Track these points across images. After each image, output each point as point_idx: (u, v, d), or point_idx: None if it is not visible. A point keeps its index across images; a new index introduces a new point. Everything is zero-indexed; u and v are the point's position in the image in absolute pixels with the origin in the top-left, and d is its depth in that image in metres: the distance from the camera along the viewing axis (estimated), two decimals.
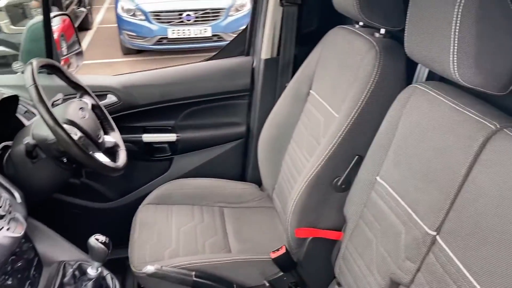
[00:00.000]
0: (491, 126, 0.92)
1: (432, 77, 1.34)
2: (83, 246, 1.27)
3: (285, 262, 1.49)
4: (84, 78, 1.70)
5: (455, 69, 0.94)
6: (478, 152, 0.92)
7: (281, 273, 1.51)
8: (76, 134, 1.36)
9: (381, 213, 1.18)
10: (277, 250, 1.49)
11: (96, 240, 1.19)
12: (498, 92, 0.94)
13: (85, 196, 1.99)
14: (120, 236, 1.80)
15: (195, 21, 6.00)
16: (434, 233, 0.99)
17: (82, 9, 7.40)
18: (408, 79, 1.36)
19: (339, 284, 1.40)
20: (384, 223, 1.16)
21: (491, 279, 0.82)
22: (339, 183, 1.40)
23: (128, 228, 1.72)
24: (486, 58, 0.91)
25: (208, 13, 6.00)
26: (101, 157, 1.41)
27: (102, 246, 1.19)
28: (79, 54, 2.08)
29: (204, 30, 6.03)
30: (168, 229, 1.66)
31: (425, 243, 1.00)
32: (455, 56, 0.93)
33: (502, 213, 0.83)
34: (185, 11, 5.94)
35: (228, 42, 2.22)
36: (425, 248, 1.00)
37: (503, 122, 0.92)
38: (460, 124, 0.99)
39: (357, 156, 1.38)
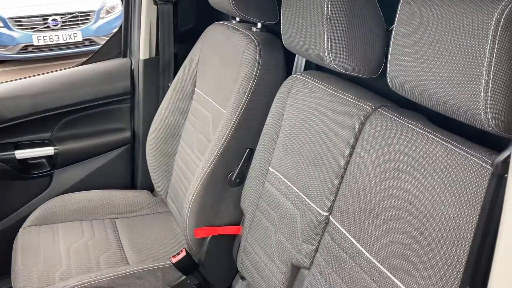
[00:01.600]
0: (366, 107, 0.99)
1: (309, 66, 1.41)
2: None
3: (186, 265, 1.45)
4: None
5: (330, 57, 0.99)
6: (358, 133, 0.99)
7: (184, 277, 1.47)
8: None
9: (276, 201, 1.21)
10: (177, 254, 1.45)
11: None
12: (370, 75, 1.02)
13: None
14: None
15: (63, 25, 5.60)
16: (327, 214, 1.04)
17: None
18: (288, 70, 1.41)
19: (242, 277, 1.41)
20: (280, 210, 1.19)
21: (382, 249, 0.88)
22: (233, 178, 1.41)
23: (8, 256, 1.55)
24: (356, 44, 0.98)
25: (76, 16, 5.65)
26: None
27: None
28: None
29: (74, 35, 5.67)
30: (56, 250, 1.53)
31: (320, 225, 1.05)
32: (329, 44, 0.98)
33: (383, 187, 0.90)
34: (50, 15, 5.52)
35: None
36: (320, 229, 1.05)
37: (376, 102, 1.00)
38: (339, 109, 1.05)
39: (248, 149, 1.40)
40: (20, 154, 1.78)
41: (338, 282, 0.97)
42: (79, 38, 5.70)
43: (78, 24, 5.68)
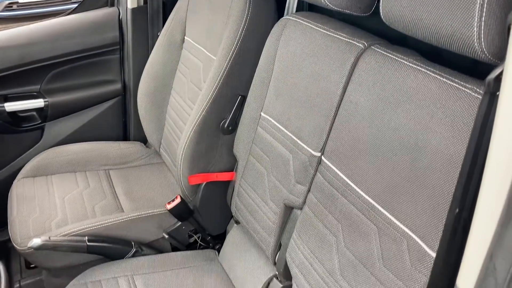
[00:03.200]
0: (359, 45, 0.98)
1: (301, 8, 1.38)
2: None
3: (181, 211, 1.48)
4: None
5: None
6: (351, 72, 0.98)
7: (179, 223, 1.50)
8: None
9: (269, 146, 1.21)
10: (172, 200, 1.47)
11: None
12: (362, 13, 1.00)
13: None
14: None
15: None
16: (319, 154, 1.04)
17: None
18: (280, 12, 1.38)
19: (237, 222, 1.43)
20: (272, 154, 1.19)
21: (373, 185, 0.89)
22: (225, 126, 1.41)
23: (3, 208, 1.56)
24: None
25: None
26: None
27: None
28: None
29: None
30: (51, 200, 1.54)
31: (312, 165, 1.06)
32: None
33: (375, 123, 0.90)
34: None
35: None
36: (313, 170, 1.06)
37: (369, 40, 0.98)
38: (332, 48, 1.04)
39: (240, 96, 1.39)
40: (10, 106, 1.76)
41: (329, 218, 0.99)
42: None
43: None
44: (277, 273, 1.21)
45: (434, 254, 0.76)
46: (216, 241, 1.57)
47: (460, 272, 0.55)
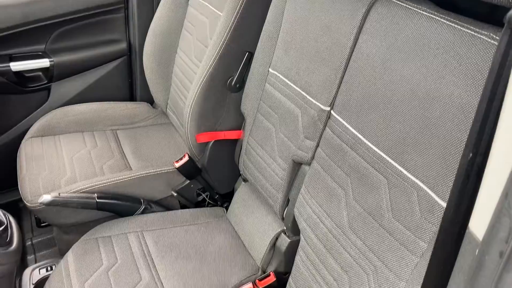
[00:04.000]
0: None
1: None
2: None
3: (189, 170, 1.48)
4: None
5: None
6: (362, 22, 0.96)
7: (188, 181, 1.51)
8: None
9: (277, 102, 1.20)
10: (180, 159, 1.48)
11: None
12: None
13: None
14: (4, 178, 1.65)
15: None
16: (328, 108, 1.03)
17: None
18: None
19: (245, 180, 1.44)
20: (281, 111, 1.18)
21: (383, 137, 0.88)
22: (233, 83, 1.39)
23: (13, 168, 1.58)
24: None
25: None
26: None
27: None
28: None
29: None
30: (60, 159, 1.55)
31: (321, 120, 1.05)
32: None
33: (386, 74, 0.88)
34: None
35: None
36: (322, 124, 1.05)
37: None
38: None
39: (247, 53, 1.36)
40: (16, 66, 1.75)
41: (338, 172, 0.98)
42: None
43: None
44: (285, 228, 1.22)
45: (444, 204, 0.75)
46: (224, 199, 1.58)
47: (473, 215, 0.55)
